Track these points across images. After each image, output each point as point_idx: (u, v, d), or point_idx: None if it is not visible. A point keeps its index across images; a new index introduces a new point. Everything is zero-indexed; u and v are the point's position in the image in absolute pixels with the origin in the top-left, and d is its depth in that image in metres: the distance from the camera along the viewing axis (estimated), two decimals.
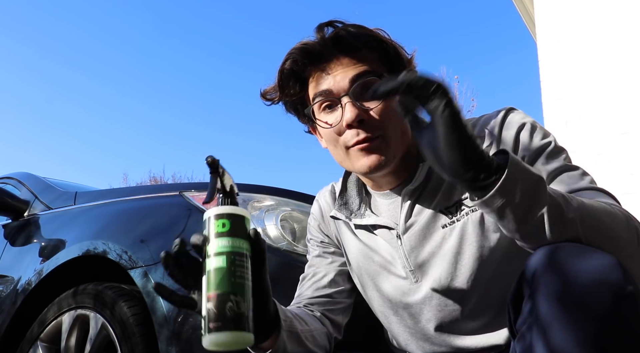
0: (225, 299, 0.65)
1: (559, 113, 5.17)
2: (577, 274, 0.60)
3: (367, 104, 0.86)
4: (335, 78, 0.86)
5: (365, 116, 0.85)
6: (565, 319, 0.58)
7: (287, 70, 0.90)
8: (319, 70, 0.88)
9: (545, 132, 0.87)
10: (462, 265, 0.88)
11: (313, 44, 0.87)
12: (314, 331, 0.93)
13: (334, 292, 1.03)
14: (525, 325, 0.63)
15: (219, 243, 0.68)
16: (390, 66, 0.90)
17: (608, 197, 0.80)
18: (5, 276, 1.80)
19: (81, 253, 1.48)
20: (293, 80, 0.91)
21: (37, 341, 1.53)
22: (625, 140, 4.82)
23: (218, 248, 0.67)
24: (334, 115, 0.88)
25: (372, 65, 0.87)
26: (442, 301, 0.91)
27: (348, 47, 0.87)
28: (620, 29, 5.06)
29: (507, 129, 0.87)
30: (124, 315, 1.30)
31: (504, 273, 0.87)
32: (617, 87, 4.95)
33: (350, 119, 0.84)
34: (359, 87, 0.86)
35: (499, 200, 0.65)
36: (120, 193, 1.78)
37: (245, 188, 1.46)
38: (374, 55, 0.88)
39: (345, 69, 0.86)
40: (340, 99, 0.86)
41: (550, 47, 5.39)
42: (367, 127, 0.85)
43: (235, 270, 0.67)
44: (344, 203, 1.01)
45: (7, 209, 2.00)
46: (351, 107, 0.85)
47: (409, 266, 0.93)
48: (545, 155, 0.84)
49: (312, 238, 1.10)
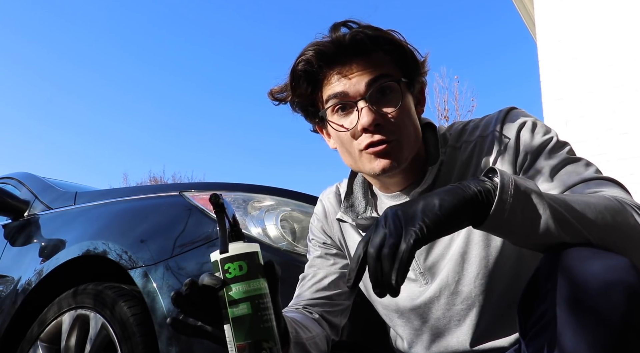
0: (258, 347, 0.64)
1: (559, 113, 5.17)
2: (588, 277, 0.60)
3: (384, 108, 0.86)
4: (351, 81, 0.85)
5: (382, 121, 0.85)
6: (577, 323, 0.58)
7: (300, 71, 0.88)
8: (334, 72, 0.87)
9: (546, 128, 0.87)
10: (468, 264, 0.88)
11: (328, 46, 0.86)
12: (316, 337, 0.94)
13: (333, 293, 1.03)
14: (536, 329, 0.63)
15: (239, 289, 0.65)
16: (405, 69, 0.89)
17: (614, 185, 0.79)
18: (5, 276, 1.80)
19: (81, 253, 1.48)
20: (306, 81, 0.89)
21: (37, 341, 1.52)
22: (625, 140, 4.83)
23: (239, 294, 0.65)
24: (349, 119, 0.87)
25: (388, 68, 0.87)
26: (450, 300, 0.91)
27: (365, 49, 0.85)
28: (620, 29, 5.06)
29: (507, 129, 0.87)
30: (124, 315, 1.30)
31: (511, 273, 0.87)
32: (617, 87, 4.94)
33: (367, 123, 0.84)
34: (375, 90, 0.85)
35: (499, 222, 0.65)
36: (120, 193, 1.78)
37: (245, 189, 1.46)
38: (389, 58, 0.88)
39: (361, 72, 0.85)
40: (357, 103, 0.85)
41: (550, 47, 5.39)
42: (383, 131, 0.85)
43: (261, 315, 0.65)
44: (350, 206, 1.01)
45: (7, 209, 2.00)
46: (368, 112, 0.84)
47: (418, 268, 0.93)
48: (547, 151, 0.84)
49: (314, 238, 1.10)
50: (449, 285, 0.90)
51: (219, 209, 0.69)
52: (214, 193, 0.68)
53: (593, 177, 0.79)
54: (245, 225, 1.33)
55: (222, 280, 0.66)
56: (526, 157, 0.84)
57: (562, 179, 0.80)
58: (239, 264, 0.66)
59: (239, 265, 0.66)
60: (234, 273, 0.66)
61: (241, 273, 0.66)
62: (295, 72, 0.89)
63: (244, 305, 0.65)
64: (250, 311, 0.65)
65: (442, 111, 11.96)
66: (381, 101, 0.86)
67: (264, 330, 0.65)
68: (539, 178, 0.82)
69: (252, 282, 0.66)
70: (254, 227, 1.33)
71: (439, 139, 0.93)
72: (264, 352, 0.64)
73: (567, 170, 0.81)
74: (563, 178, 0.80)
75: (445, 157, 0.91)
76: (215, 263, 0.67)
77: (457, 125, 0.95)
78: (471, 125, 0.93)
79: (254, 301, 0.65)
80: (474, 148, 0.90)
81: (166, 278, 1.26)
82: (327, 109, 0.89)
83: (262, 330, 0.65)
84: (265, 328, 0.65)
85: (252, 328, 0.64)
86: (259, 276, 0.67)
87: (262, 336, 0.65)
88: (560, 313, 0.60)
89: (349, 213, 1.00)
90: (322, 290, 1.03)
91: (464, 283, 0.89)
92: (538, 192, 0.67)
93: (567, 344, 0.58)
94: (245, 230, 1.32)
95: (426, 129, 0.95)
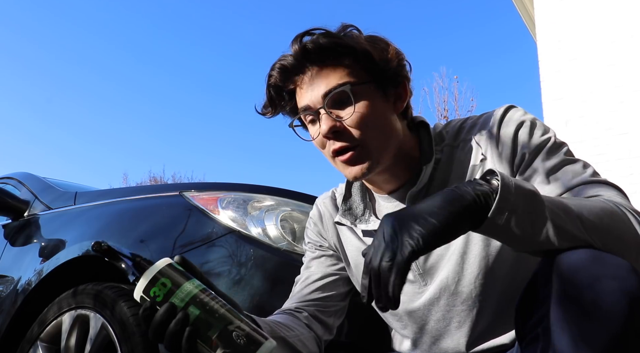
0: (227, 334, 0.65)
1: (559, 113, 5.17)
2: (589, 280, 0.59)
3: (340, 113, 0.86)
4: (312, 91, 0.88)
5: (340, 127, 0.86)
6: (576, 328, 0.58)
7: (272, 87, 0.92)
8: (297, 85, 0.90)
9: (545, 128, 0.87)
10: (468, 265, 0.88)
11: (289, 59, 0.88)
12: (300, 336, 0.93)
13: (328, 295, 1.03)
14: (534, 333, 0.62)
15: (176, 301, 0.67)
16: (369, 70, 0.88)
17: (612, 188, 0.78)
18: (5, 276, 1.80)
19: (81, 253, 1.48)
20: (280, 94, 0.93)
21: (37, 341, 1.52)
22: (625, 140, 4.83)
23: (180, 305, 0.67)
24: (315, 127, 0.90)
25: (344, 72, 0.87)
26: (450, 301, 0.90)
27: (317, 58, 0.87)
28: (620, 29, 5.06)
29: (505, 127, 0.87)
30: (124, 315, 1.30)
31: (511, 272, 0.87)
32: (617, 87, 4.95)
33: (325, 130, 0.85)
34: (332, 98, 0.86)
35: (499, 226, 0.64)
36: (120, 193, 1.78)
37: (245, 189, 1.46)
38: (346, 62, 0.88)
39: (319, 81, 0.87)
40: (318, 112, 0.87)
41: (550, 47, 5.39)
42: (344, 137, 0.86)
43: (210, 307, 0.67)
44: (348, 209, 1.01)
45: (7, 209, 2.00)
46: (326, 119, 0.86)
47: (417, 269, 0.92)
48: (544, 151, 0.83)
49: (309, 242, 1.11)
50: (449, 286, 0.89)
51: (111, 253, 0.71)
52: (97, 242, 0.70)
53: (591, 180, 0.79)
54: (245, 225, 1.33)
55: (172, 308, 0.66)
56: (524, 157, 0.84)
57: (561, 180, 0.80)
58: (161, 283, 0.68)
59: (162, 283, 0.68)
60: (162, 293, 0.67)
61: (167, 288, 0.67)
62: (269, 88, 0.93)
63: (191, 309, 0.66)
64: (198, 311, 0.66)
65: (442, 111, 11.95)
66: (339, 107, 0.87)
67: (222, 317, 0.66)
68: (536, 179, 0.82)
69: (181, 289, 0.67)
70: (254, 227, 1.33)
71: (435, 137, 0.93)
72: (235, 333, 0.65)
73: (565, 172, 0.81)
74: (561, 180, 0.80)
75: (443, 155, 0.91)
76: (142, 298, 0.69)
77: (455, 123, 0.95)
78: (469, 123, 0.93)
79: (195, 301, 0.67)
80: (472, 147, 0.89)
81: None
82: (299, 120, 0.93)
83: (220, 318, 0.66)
84: (222, 315, 0.67)
85: (211, 323, 0.66)
86: (184, 280, 0.68)
87: (223, 323, 0.66)
88: (558, 317, 0.59)
89: (347, 216, 1.00)
90: (316, 291, 1.03)
91: (464, 284, 0.88)
92: (538, 196, 0.66)
93: (566, 346, 0.58)
94: (245, 230, 1.32)
95: (420, 127, 0.95)
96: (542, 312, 0.62)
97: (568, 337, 0.58)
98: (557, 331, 0.59)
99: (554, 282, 0.62)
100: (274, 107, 0.95)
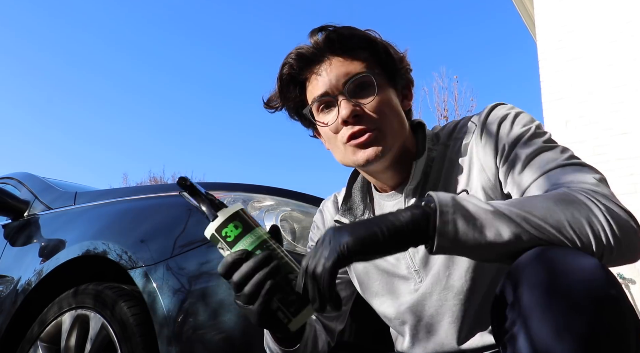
0: (287, 282, 0.71)
1: (559, 113, 5.18)
2: (560, 270, 0.60)
3: (361, 100, 0.89)
4: (330, 78, 0.90)
5: (360, 111, 0.89)
6: (547, 309, 0.58)
7: (286, 76, 0.95)
8: (314, 73, 0.92)
9: (527, 119, 0.87)
10: (458, 258, 0.89)
11: (307, 48, 0.92)
12: (318, 330, 0.98)
13: None
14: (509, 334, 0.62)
15: (245, 244, 0.71)
16: (383, 64, 0.94)
17: (587, 171, 0.77)
18: (6, 276, 1.80)
19: (81, 253, 1.48)
20: (292, 84, 0.96)
21: (37, 341, 1.53)
22: (625, 140, 4.83)
23: (249, 248, 0.71)
24: (331, 115, 0.92)
25: (363, 64, 0.91)
26: (442, 296, 0.91)
27: (339, 48, 0.91)
28: (620, 29, 5.06)
29: (490, 123, 0.89)
30: (124, 315, 1.30)
31: (498, 266, 0.87)
32: (617, 87, 4.95)
33: (346, 114, 0.88)
34: (352, 84, 0.89)
35: (447, 242, 0.67)
36: (120, 193, 1.78)
37: (245, 189, 1.46)
38: (365, 55, 0.92)
39: (338, 69, 0.90)
40: (336, 98, 0.90)
41: (550, 47, 5.40)
42: (363, 121, 0.89)
43: (275, 254, 0.72)
44: (348, 209, 1.03)
45: (7, 209, 2.00)
46: (346, 104, 0.88)
47: (413, 266, 0.94)
48: (522, 141, 0.84)
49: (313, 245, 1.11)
50: (440, 280, 0.90)
51: (192, 189, 0.75)
52: (182, 177, 0.74)
53: (567, 163, 0.79)
54: None
55: (244, 251, 0.71)
56: (504, 148, 0.85)
57: (538, 165, 0.80)
58: (233, 225, 0.72)
59: (234, 225, 0.72)
60: (233, 234, 0.72)
61: (239, 231, 0.72)
62: (281, 77, 0.95)
63: (257, 253, 0.71)
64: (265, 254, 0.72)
65: (442, 111, 11.94)
66: (359, 94, 0.90)
67: (285, 265, 0.72)
68: (515, 167, 0.83)
69: (252, 233, 0.72)
70: None
71: (432, 137, 0.96)
72: (293, 282, 0.71)
73: (543, 157, 0.81)
74: (537, 165, 0.81)
75: (437, 154, 0.94)
76: (213, 236, 0.73)
77: (450, 124, 0.98)
78: (461, 122, 0.96)
79: (262, 247, 0.72)
80: (461, 145, 0.92)
81: (166, 278, 1.26)
82: (312, 107, 0.94)
83: (283, 265, 0.72)
84: (285, 263, 0.72)
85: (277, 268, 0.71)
86: (255, 226, 0.73)
87: (285, 270, 0.72)
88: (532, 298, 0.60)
89: (347, 215, 1.02)
90: None
91: (455, 278, 0.89)
92: (481, 206, 0.68)
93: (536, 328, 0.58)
94: None
95: (417, 128, 0.99)
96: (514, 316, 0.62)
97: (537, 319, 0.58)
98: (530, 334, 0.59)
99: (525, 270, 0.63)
100: (282, 98, 0.97)
